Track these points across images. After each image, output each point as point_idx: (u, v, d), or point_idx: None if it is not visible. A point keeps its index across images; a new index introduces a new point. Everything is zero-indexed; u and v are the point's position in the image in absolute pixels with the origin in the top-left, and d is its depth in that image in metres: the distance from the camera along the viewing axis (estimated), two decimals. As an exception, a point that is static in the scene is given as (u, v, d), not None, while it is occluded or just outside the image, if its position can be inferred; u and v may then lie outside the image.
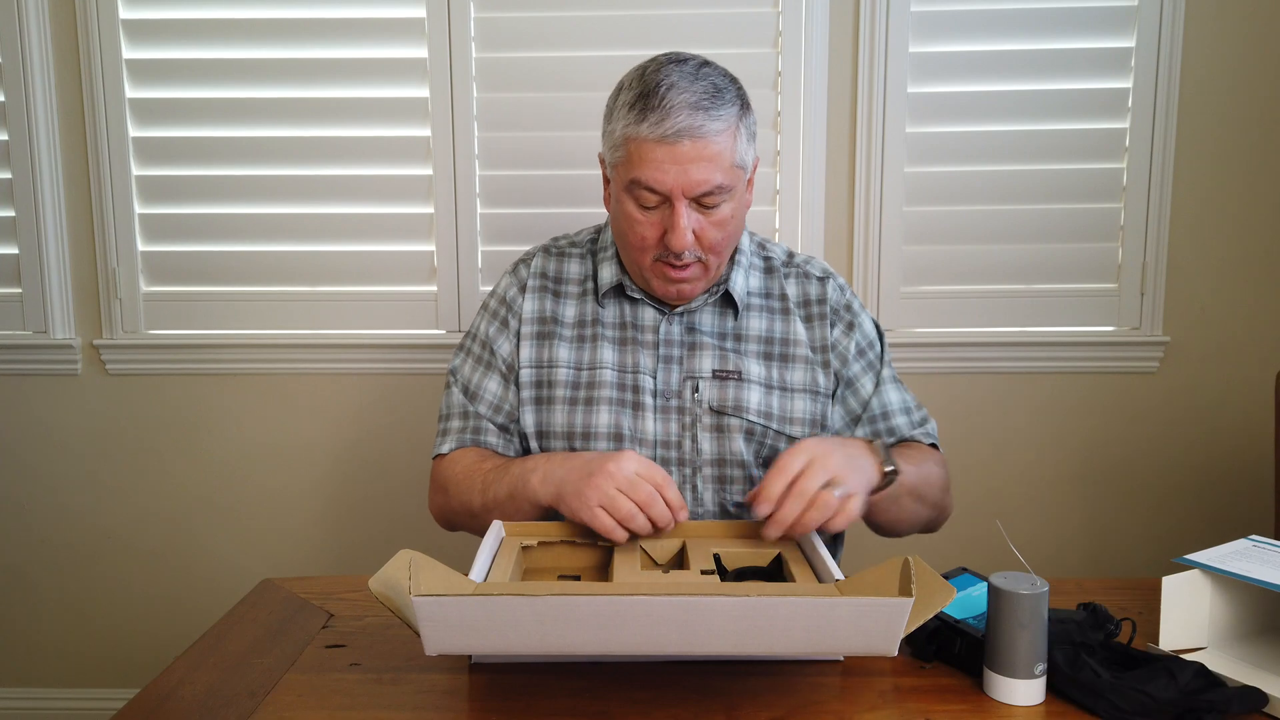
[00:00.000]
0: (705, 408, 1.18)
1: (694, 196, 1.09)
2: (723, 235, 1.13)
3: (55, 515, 1.97)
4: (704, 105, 1.07)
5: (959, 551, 1.81)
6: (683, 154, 1.06)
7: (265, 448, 1.94)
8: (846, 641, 0.76)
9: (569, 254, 1.27)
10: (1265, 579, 0.88)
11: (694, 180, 1.07)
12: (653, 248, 1.12)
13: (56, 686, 2.02)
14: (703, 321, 1.21)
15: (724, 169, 1.08)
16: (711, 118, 1.07)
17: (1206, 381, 1.86)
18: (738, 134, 1.10)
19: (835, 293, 1.25)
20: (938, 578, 0.80)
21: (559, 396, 1.20)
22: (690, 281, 1.15)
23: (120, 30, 1.82)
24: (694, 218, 1.10)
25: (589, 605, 0.73)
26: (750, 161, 1.15)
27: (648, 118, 1.07)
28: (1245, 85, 1.79)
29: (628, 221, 1.13)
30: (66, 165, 1.87)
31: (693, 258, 1.12)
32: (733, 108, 1.10)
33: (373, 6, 1.80)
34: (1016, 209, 1.81)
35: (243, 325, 1.89)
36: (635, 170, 1.09)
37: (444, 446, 1.23)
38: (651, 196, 1.10)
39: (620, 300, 1.23)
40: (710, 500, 1.18)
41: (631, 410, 1.18)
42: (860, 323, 1.25)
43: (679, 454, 1.18)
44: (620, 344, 1.21)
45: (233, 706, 0.84)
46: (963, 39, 1.78)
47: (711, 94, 1.08)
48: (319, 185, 1.85)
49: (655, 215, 1.11)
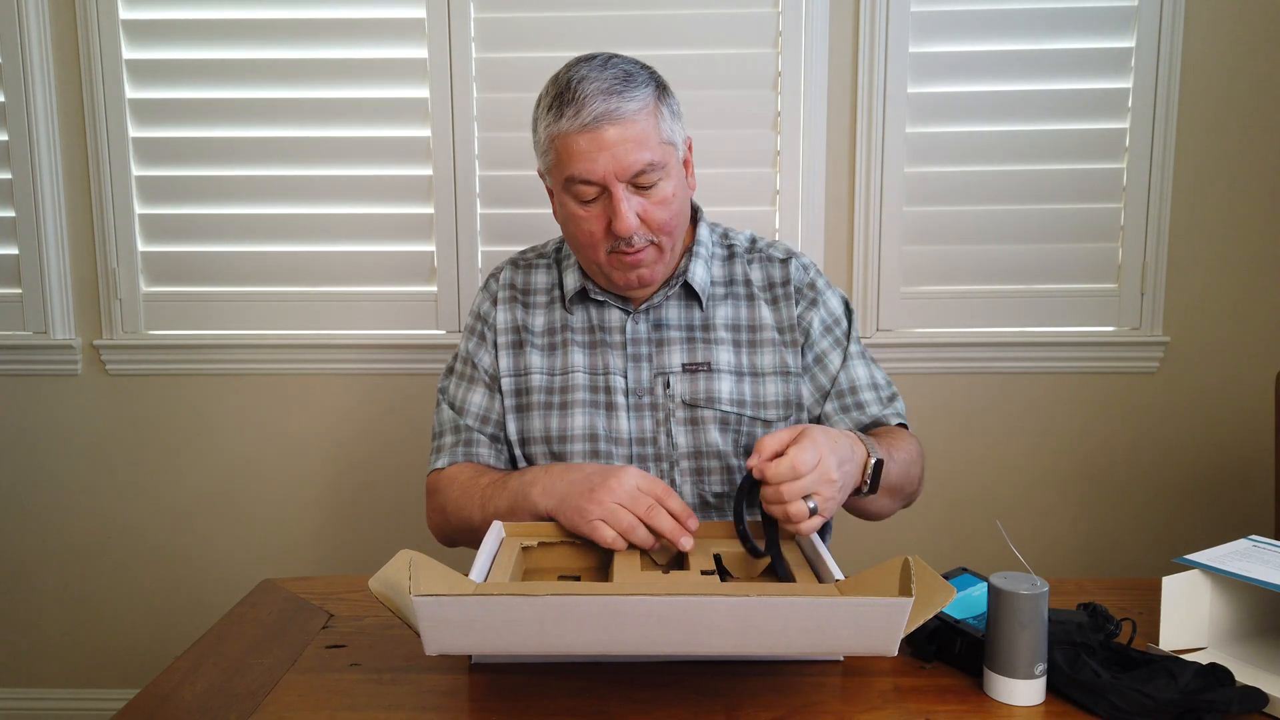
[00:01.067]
0: (678, 402, 1.19)
1: (629, 179, 1.11)
2: (668, 215, 1.14)
3: (55, 515, 1.97)
4: (616, 90, 1.10)
5: (959, 551, 1.82)
6: (607, 139, 1.09)
7: (265, 448, 1.94)
8: (847, 641, 0.76)
9: (535, 265, 1.30)
10: (1265, 579, 0.88)
11: (624, 163, 1.10)
12: (602, 241, 1.14)
13: (56, 686, 2.02)
14: (669, 316, 1.23)
15: (651, 147, 1.11)
16: (626, 99, 1.10)
17: (1206, 381, 1.86)
18: (658, 113, 1.13)
19: (798, 272, 1.26)
20: (938, 577, 0.80)
21: (535, 402, 1.22)
22: (648, 265, 1.16)
23: (120, 30, 1.82)
24: (635, 201, 1.12)
25: (590, 605, 0.73)
26: (680, 140, 1.17)
27: (565, 112, 1.10)
28: (1245, 85, 1.79)
29: (574, 222, 1.15)
30: (66, 165, 1.87)
31: (644, 241, 1.14)
32: (646, 89, 1.13)
33: (373, 7, 1.80)
34: (1016, 209, 1.82)
35: (243, 325, 1.90)
36: (567, 167, 1.12)
37: (438, 462, 1.23)
38: (588, 189, 1.12)
39: (586, 305, 1.25)
40: (689, 493, 1.19)
41: (605, 411, 1.20)
42: (825, 299, 1.25)
43: (655, 450, 1.19)
44: (590, 347, 1.23)
45: (233, 706, 0.84)
46: (963, 39, 1.78)
47: (622, 79, 1.11)
48: (319, 185, 1.85)
49: (597, 208, 1.13)
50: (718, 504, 1.19)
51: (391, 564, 0.83)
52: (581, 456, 1.18)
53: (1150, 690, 0.78)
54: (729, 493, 1.19)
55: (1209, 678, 0.80)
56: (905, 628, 0.75)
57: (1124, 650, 0.86)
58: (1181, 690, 0.78)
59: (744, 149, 1.80)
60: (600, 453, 1.18)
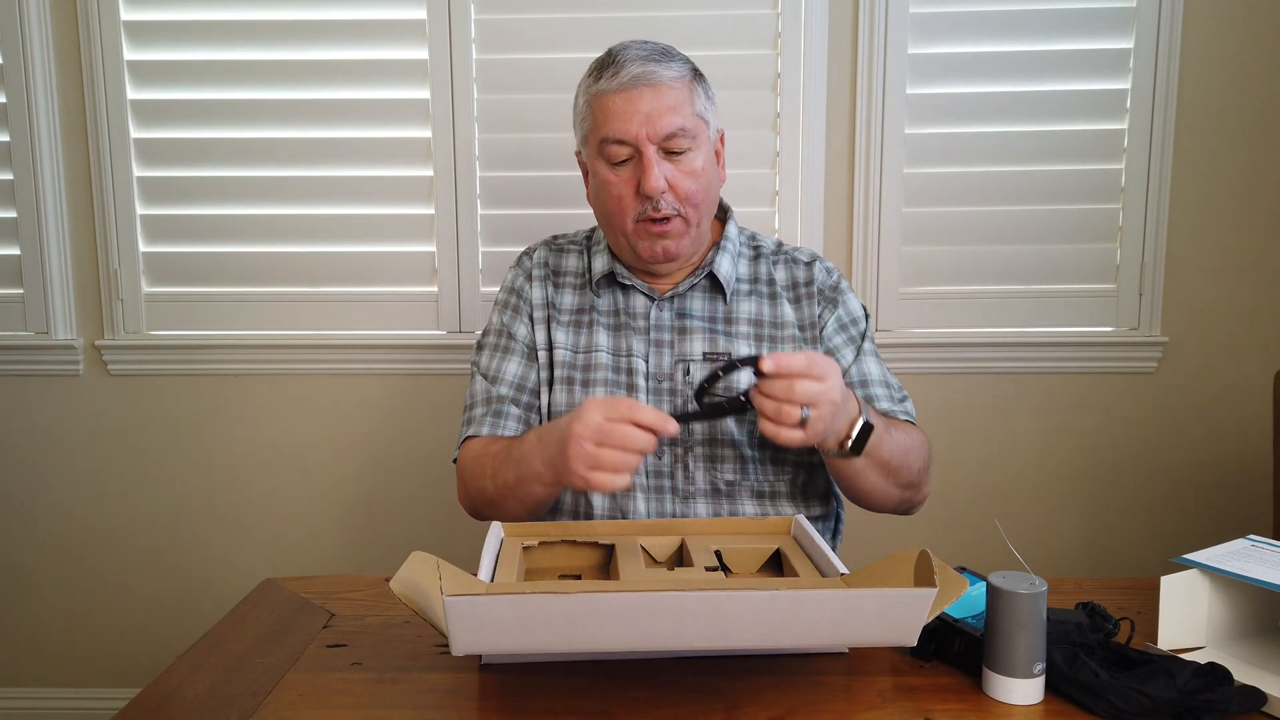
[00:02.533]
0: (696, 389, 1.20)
1: (659, 141, 1.15)
2: (696, 186, 1.17)
3: (57, 515, 1.98)
4: (655, 58, 1.17)
5: (958, 551, 1.82)
6: (642, 100, 1.15)
7: (266, 448, 1.94)
8: (869, 632, 0.77)
9: (567, 249, 1.33)
10: (1263, 579, 0.89)
11: (657, 125, 1.15)
12: (631, 206, 1.17)
13: (57, 686, 2.03)
14: (693, 306, 1.24)
15: (684, 114, 1.16)
16: (664, 67, 1.17)
17: (1205, 382, 1.87)
18: (694, 90, 1.19)
19: (822, 274, 1.28)
20: (948, 569, 0.81)
21: (559, 377, 1.24)
22: (673, 237, 1.18)
23: (122, 31, 1.82)
24: (665, 166, 1.16)
25: (619, 602, 0.74)
26: (713, 122, 1.22)
27: (604, 74, 1.18)
28: (1243, 86, 1.79)
29: (605, 189, 1.19)
30: (68, 166, 1.87)
31: (671, 209, 1.16)
32: (684, 66, 1.20)
33: (374, 8, 1.81)
34: (1015, 210, 1.82)
35: (244, 326, 1.90)
36: (602, 128, 1.17)
37: (465, 433, 1.24)
38: (620, 149, 1.16)
39: (613, 289, 1.27)
40: (701, 479, 1.20)
41: (626, 392, 1.22)
42: (845, 300, 1.27)
43: (671, 435, 1.19)
44: (614, 329, 1.25)
45: (234, 706, 0.84)
46: (962, 40, 1.78)
47: (662, 51, 1.19)
48: (320, 186, 1.86)
49: (627, 171, 1.17)
50: (729, 491, 1.20)
51: (409, 565, 0.83)
52: None
53: (1149, 689, 0.79)
54: (740, 480, 1.20)
55: (1207, 677, 0.80)
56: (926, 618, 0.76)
57: (1122, 650, 0.86)
58: (1180, 689, 0.79)
59: (743, 150, 1.80)
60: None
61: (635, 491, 1.19)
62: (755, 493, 1.20)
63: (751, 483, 1.20)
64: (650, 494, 1.19)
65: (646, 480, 1.20)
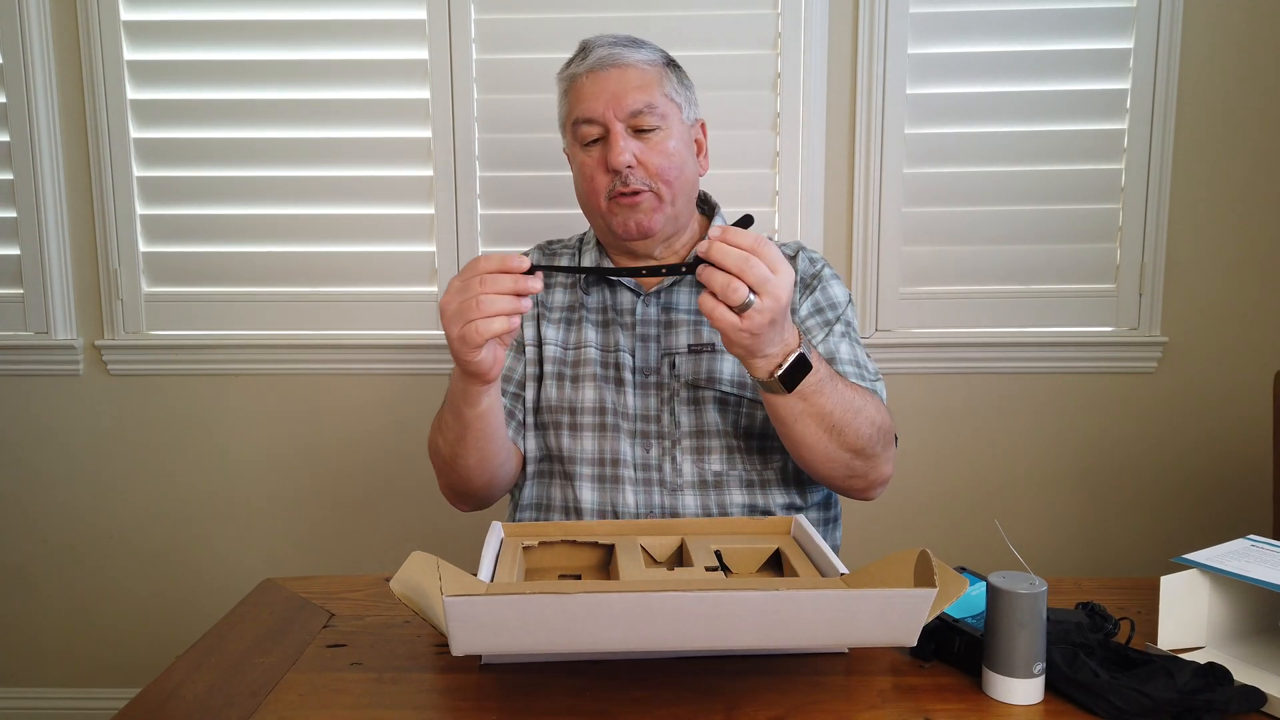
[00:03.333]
0: (682, 382, 1.21)
1: (626, 119, 1.18)
2: (667, 163, 1.19)
3: (57, 515, 1.98)
4: (624, 44, 1.22)
5: (957, 551, 1.82)
6: (609, 80, 1.18)
7: (266, 448, 1.94)
8: (870, 632, 0.77)
9: (560, 253, 1.37)
10: (1263, 578, 0.88)
11: (623, 102, 1.17)
12: (603, 185, 1.20)
13: (57, 686, 2.03)
14: (679, 301, 1.25)
15: (651, 94, 1.19)
16: (632, 51, 1.21)
17: (1205, 382, 1.87)
18: (665, 74, 1.22)
19: (805, 264, 1.28)
20: (948, 569, 0.81)
21: (548, 373, 1.25)
22: (645, 212, 1.20)
23: (122, 31, 1.82)
24: (633, 143, 1.18)
25: (621, 603, 0.74)
26: (688, 108, 1.24)
27: (575, 60, 1.23)
28: (1243, 86, 1.79)
29: (580, 173, 1.23)
30: (68, 166, 1.87)
31: (641, 184, 1.18)
32: (655, 53, 1.23)
33: (374, 8, 1.81)
34: (1015, 210, 1.82)
35: (244, 326, 1.90)
36: (574, 111, 1.21)
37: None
38: (590, 128, 1.19)
39: (602, 287, 1.28)
40: (689, 470, 1.20)
41: (614, 386, 1.23)
42: (825, 286, 1.26)
43: (659, 427, 1.21)
44: (602, 326, 1.26)
45: (234, 706, 0.84)
46: (962, 40, 1.78)
47: (631, 39, 1.23)
48: (320, 186, 1.86)
49: (598, 150, 1.20)
50: (717, 481, 1.20)
51: (409, 565, 0.84)
52: (591, 428, 1.21)
53: (1149, 689, 0.79)
54: (728, 470, 1.20)
55: (1207, 677, 0.80)
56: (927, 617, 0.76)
57: (1122, 649, 0.86)
58: (1180, 689, 0.79)
59: (743, 150, 1.81)
60: (608, 425, 1.21)
61: (623, 484, 1.19)
62: (744, 482, 1.20)
63: (739, 472, 1.20)
64: (639, 487, 1.20)
65: (635, 473, 1.20)
